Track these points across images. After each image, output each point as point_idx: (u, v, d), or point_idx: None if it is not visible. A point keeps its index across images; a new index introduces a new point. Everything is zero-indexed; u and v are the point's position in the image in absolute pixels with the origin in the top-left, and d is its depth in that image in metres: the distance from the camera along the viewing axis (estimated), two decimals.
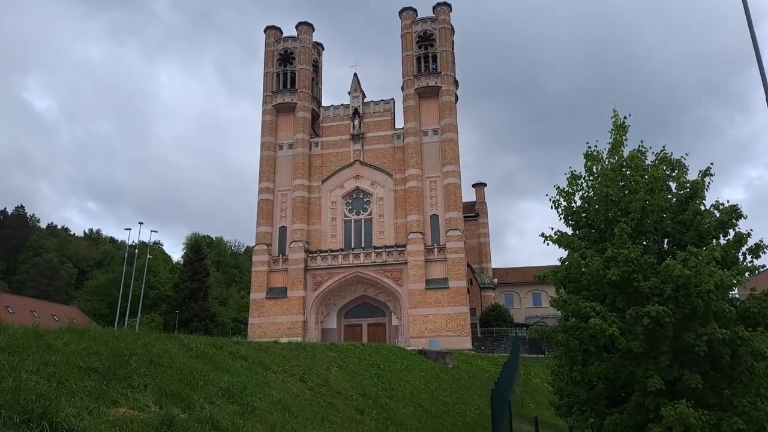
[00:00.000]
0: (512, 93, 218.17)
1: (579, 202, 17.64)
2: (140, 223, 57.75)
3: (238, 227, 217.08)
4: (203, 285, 78.70)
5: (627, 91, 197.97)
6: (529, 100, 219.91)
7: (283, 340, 51.63)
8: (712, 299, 13.49)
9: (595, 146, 17.75)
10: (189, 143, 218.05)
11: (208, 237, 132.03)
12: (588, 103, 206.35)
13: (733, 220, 15.21)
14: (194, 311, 75.09)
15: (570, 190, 17.55)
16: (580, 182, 17.55)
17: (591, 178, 17.60)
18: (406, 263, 52.99)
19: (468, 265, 59.27)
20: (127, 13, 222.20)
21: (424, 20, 60.82)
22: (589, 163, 17.64)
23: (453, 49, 60.20)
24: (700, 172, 16.14)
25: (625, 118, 17.64)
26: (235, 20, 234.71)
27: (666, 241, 16.22)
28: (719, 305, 13.56)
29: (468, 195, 69.64)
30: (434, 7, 60.92)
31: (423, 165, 56.21)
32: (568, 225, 18.01)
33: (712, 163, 15.96)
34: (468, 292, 54.09)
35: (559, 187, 17.74)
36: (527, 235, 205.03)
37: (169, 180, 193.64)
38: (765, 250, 14.90)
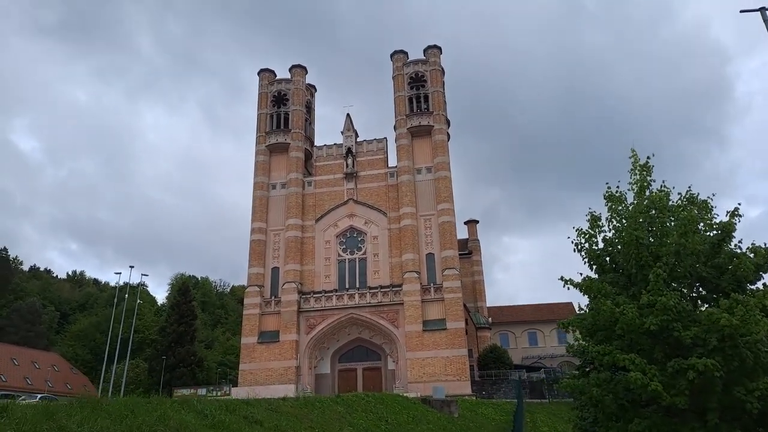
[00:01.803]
0: (491, 129, 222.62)
1: (601, 245, 17.02)
2: (131, 267, 56.14)
3: (224, 266, 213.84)
4: (191, 328, 76.56)
5: (605, 127, 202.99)
6: (507, 136, 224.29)
7: (278, 388, 49.89)
8: (760, 350, 12.72)
9: (617, 187, 17.23)
10: (172, 182, 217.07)
11: (194, 277, 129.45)
12: (567, 138, 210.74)
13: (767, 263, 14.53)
14: (181, 356, 72.65)
15: (592, 232, 16.95)
16: (600, 224, 17.00)
17: (614, 219, 17.05)
18: (402, 304, 51.85)
19: (463, 304, 58.34)
20: (112, 55, 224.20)
21: (415, 62, 61.84)
22: (610, 204, 17.15)
23: (444, 89, 61.01)
24: (728, 212, 15.56)
25: (648, 158, 17.16)
26: (219, 60, 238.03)
27: (700, 286, 15.52)
28: None
29: (460, 232, 69.37)
30: (425, 50, 62.09)
31: (417, 203, 55.91)
32: (591, 269, 17.24)
33: (739, 203, 15.40)
34: (466, 333, 52.94)
35: (579, 228, 17.17)
36: (513, 269, 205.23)
37: (152, 219, 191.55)
38: None
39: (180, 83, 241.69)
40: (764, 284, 14.78)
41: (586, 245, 17.08)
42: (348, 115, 62.01)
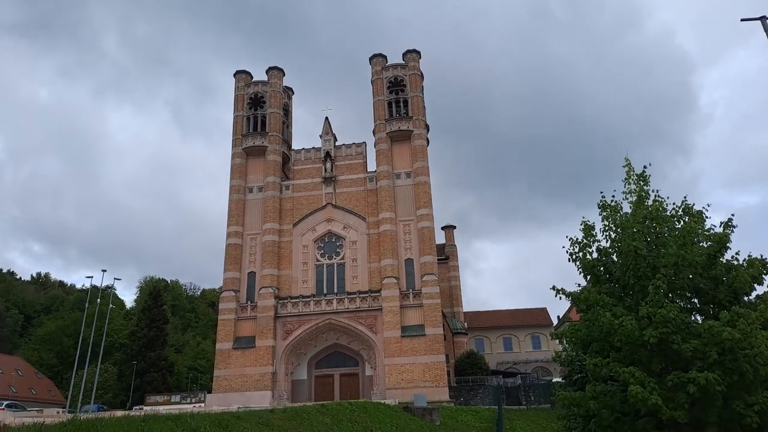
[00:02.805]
0: (463, 134, 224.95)
1: (595, 254, 16.90)
2: (104, 270, 54.28)
3: (194, 269, 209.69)
4: (162, 333, 74.84)
5: (574, 133, 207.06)
6: (480, 142, 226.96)
7: (254, 395, 49.04)
8: (759, 364, 12.75)
9: (613, 197, 17.15)
10: (140, 184, 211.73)
11: (164, 280, 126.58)
12: (537, 144, 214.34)
13: (763, 275, 14.66)
14: (151, 361, 70.95)
15: (586, 241, 16.83)
16: (594, 233, 16.88)
17: (609, 229, 16.90)
18: (381, 309, 51.65)
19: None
20: (77, 54, 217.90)
21: (394, 66, 61.82)
22: (604, 214, 17.04)
23: (423, 94, 61.14)
24: (722, 223, 15.64)
25: (645, 168, 17.07)
26: (189, 61, 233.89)
27: (696, 297, 15.45)
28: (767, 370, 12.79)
29: (437, 237, 69.52)
30: (404, 54, 62.15)
31: (396, 208, 55.82)
32: (585, 279, 17.14)
33: (733, 215, 15.54)
34: (444, 338, 53.09)
35: (573, 238, 17.01)
36: (484, 274, 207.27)
37: (119, 221, 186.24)
38: None
39: (148, 83, 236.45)
40: (757, 295, 14.89)
41: (580, 255, 16.87)
42: (326, 118, 61.55)
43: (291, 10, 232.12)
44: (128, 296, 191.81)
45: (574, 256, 16.86)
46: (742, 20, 17.07)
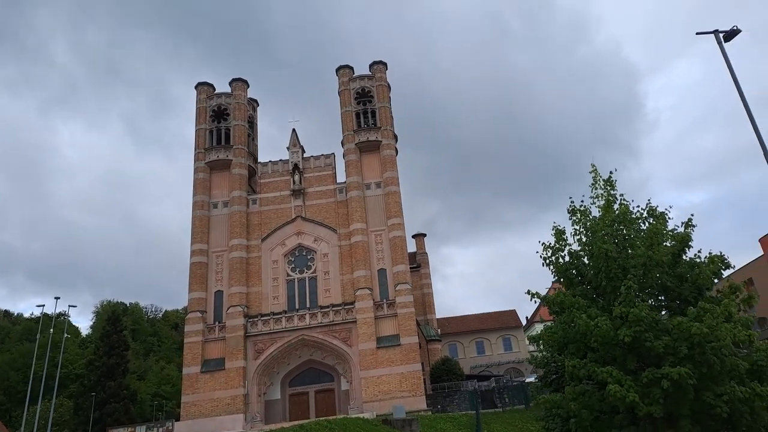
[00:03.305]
0: (428, 144, 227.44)
1: (567, 258, 17.43)
2: (57, 298, 51.00)
3: (154, 290, 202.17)
4: (122, 360, 71.20)
5: (532, 140, 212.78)
6: (445, 150, 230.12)
7: (225, 420, 46.89)
8: (725, 355, 13.31)
9: (582, 202, 17.83)
10: (93, 201, 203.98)
11: (122, 304, 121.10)
12: (499, 151, 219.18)
13: (722, 270, 15.40)
14: (112, 390, 67.20)
15: (558, 246, 17.35)
16: (564, 237, 17.43)
17: (579, 232, 17.48)
18: (355, 322, 50.67)
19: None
20: (22, 64, 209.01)
21: (361, 77, 61.71)
22: (574, 218, 17.65)
23: (390, 104, 61.15)
24: (682, 223, 16.36)
25: (611, 173, 17.79)
26: (144, 72, 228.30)
27: (663, 295, 16.13)
28: (733, 361, 13.37)
29: (408, 246, 69.16)
30: (371, 66, 62.20)
31: (367, 218, 55.22)
32: (560, 282, 17.69)
33: (692, 215, 16.20)
34: (420, 347, 52.42)
35: (545, 243, 17.52)
36: (452, 279, 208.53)
37: (70, 242, 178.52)
38: (757, 299, 14.91)
39: (101, 96, 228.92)
40: (717, 290, 15.52)
41: (553, 259, 17.38)
42: (294, 130, 60.63)
43: (250, 22, 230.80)
44: (83, 323, 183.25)
45: (547, 260, 17.33)
46: (697, 33, 17.83)
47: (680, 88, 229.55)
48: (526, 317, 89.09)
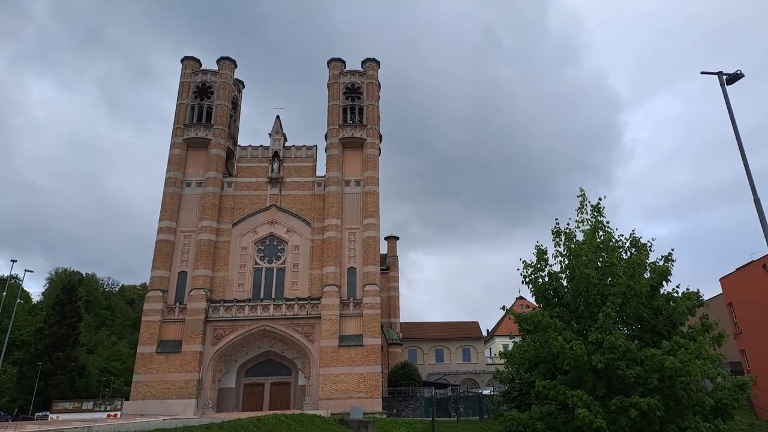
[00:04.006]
0: (406, 148, 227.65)
1: (547, 278, 17.55)
2: (13, 261, 48.53)
3: (113, 263, 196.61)
4: (74, 331, 68.83)
5: (509, 155, 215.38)
6: (422, 156, 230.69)
7: (176, 403, 45.87)
8: (693, 391, 13.64)
9: (567, 225, 17.99)
10: (58, 166, 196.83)
11: (78, 273, 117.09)
12: (476, 163, 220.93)
13: (696, 307, 15.72)
14: (59, 362, 64.92)
15: (539, 266, 17.46)
16: (546, 257, 17.55)
17: (562, 255, 17.60)
18: (320, 317, 50.15)
19: None
20: None
21: (352, 73, 61.07)
22: (557, 240, 17.77)
23: (378, 103, 60.69)
24: (662, 256, 16.59)
25: (600, 199, 18.03)
26: (126, 38, 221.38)
27: (639, 325, 16.30)
28: (700, 397, 13.67)
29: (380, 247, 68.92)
30: (363, 62, 61.61)
31: (343, 215, 54.72)
32: (538, 302, 17.77)
33: (672, 249, 16.43)
34: (382, 349, 52.28)
35: (525, 261, 17.59)
36: (416, 285, 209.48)
37: (29, 204, 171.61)
38: (726, 338, 15.28)
39: (77, 57, 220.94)
40: (689, 326, 15.83)
41: (533, 278, 17.50)
42: (278, 117, 59.57)
43: (243, 3, 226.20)
44: (34, 288, 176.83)
45: (527, 279, 17.45)
46: (701, 73, 18.17)
47: (657, 122, 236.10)
48: (487, 330, 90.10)
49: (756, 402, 43.96)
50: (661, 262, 16.39)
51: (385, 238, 74.16)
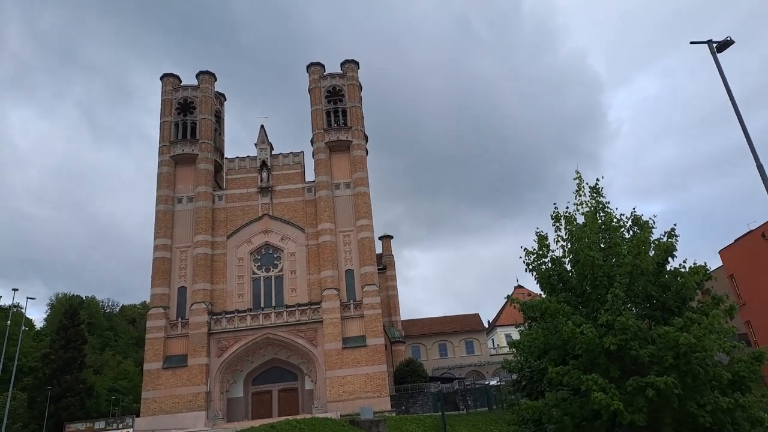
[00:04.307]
0: (393, 146, 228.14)
1: (549, 264, 17.39)
2: (15, 290, 48.78)
3: (110, 284, 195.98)
4: (79, 354, 69.26)
5: (494, 145, 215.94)
6: (409, 154, 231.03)
7: (187, 416, 46.45)
8: (709, 366, 13.52)
9: (566, 208, 17.77)
10: (46, 193, 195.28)
11: (78, 297, 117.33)
12: (462, 156, 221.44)
13: (704, 281, 15.60)
14: (68, 385, 65.41)
15: (540, 252, 17.31)
16: (547, 243, 17.37)
17: (563, 239, 17.43)
18: (322, 321, 50.75)
19: None
20: None
21: (332, 76, 61.38)
22: (557, 225, 17.61)
23: (361, 104, 61.09)
24: (665, 233, 16.43)
25: (597, 180, 17.77)
26: (103, 59, 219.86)
27: (647, 304, 16.11)
28: (717, 372, 13.48)
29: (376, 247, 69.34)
30: (342, 64, 61.91)
31: (336, 219, 55.23)
32: (543, 289, 17.58)
33: (675, 224, 16.35)
34: (386, 348, 53.00)
35: (527, 249, 17.41)
36: (413, 282, 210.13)
37: (22, 234, 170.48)
38: (737, 310, 15.25)
39: (55, 81, 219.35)
40: (699, 300, 15.79)
41: (536, 264, 17.30)
42: (262, 126, 59.87)
43: (216, 14, 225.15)
44: (36, 315, 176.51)
45: (531, 266, 17.30)
46: (691, 42, 18.12)
47: (639, 101, 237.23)
48: (488, 321, 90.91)
49: (765, 372, 44.44)
50: (665, 239, 16.19)
51: (380, 238, 74.71)
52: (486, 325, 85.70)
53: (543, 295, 17.32)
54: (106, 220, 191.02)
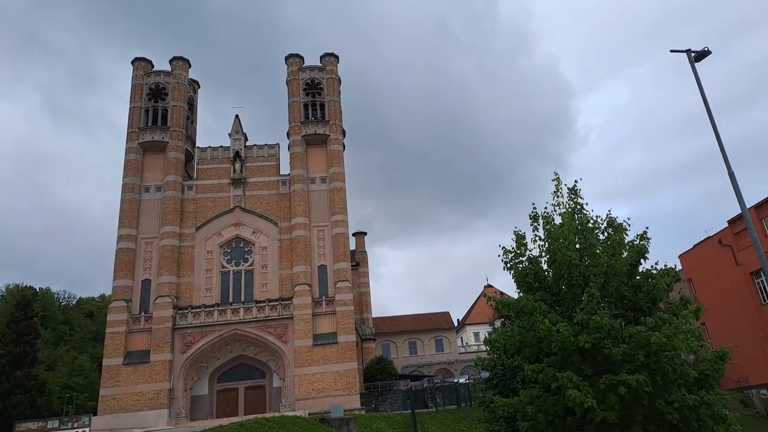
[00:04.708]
0: (367, 143, 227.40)
1: (526, 263, 17.61)
2: None
3: (67, 275, 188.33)
4: (32, 349, 65.55)
5: (468, 146, 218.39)
6: (383, 151, 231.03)
7: (148, 414, 44.53)
8: (677, 364, 13.93)
9: (545, 208, 18.07)
10: (1, 177, 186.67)
11: (31, 288, 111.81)
12: (436, 155, 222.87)
13: (673, 283, 16.00)
14: (18, 381, 61.79)
15: (519, 251, 17.55)
16: (525, 242, 17.64)
17: (540, 238, 17.72)
18: (292, 318, 49.62)
19: None
20: None
21: (311, 68, 60.32)
22: (535, 224, 17.88)
23: (340, 99, 60.22)
24: (637, 235, 16.87)
25: (576, 182, 18.21)
26: (67, 41, 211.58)
27: (620, 303, 16.47)
28: (684, 370, 13.98)
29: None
30: (321, 57, 60.93)
31: (310, 213, 54.18)
32: (519, 288, 17.76)
33: (647, 227, 16.78)
34: (357, 345, 52.19)
35: (505, 248, 17.65)
36: (383, 279, 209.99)
37: None
38: (703, 311, 15.79)
39: (15, 62, 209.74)
40: (667, 302, 16.25)
41: (513, 263, 17.51)
42: (237, 116, 58.29)
43: (187, 2, 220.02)
44: None
45: (508, 264, 17.53)
46: (671, 51, 18.50)
47: (608, 108, 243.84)
48: (458, 320, 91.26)
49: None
50: (637, 241, 16.63)
51: (353, 234, 73.99)
52: (456, 324, 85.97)
53: (519, 294, 17.44)
54: (65, 208, 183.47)
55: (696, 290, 52.35)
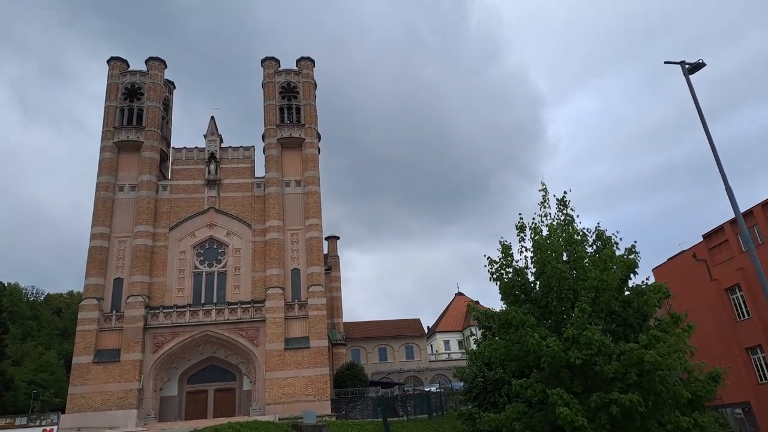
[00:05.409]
0: (336, 147, 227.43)
1: (512, 274, 17.22)
2: None
3: (34, 271, 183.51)
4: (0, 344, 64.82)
5: (437, 153, 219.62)
6: (352, 156, 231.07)
7: (116, 414, 44.54)
8: (670, 384, 13.60)
9: (533, 219, 17.71)
10: None
11: (0, 283, 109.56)
12: (405, 161, 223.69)
13: (663, 298, 15.83)
14: None
15: (505, 262, 17.16)
16: (511, 253, 17.26)
17: (527, 249, 17.32)
18: (264, 321, 49.97)
19: None
20: None
21: (287, 72, 60.57)
22: (522, 235, 17.49)
23: (315, 103, 60.64)
24: (626, 249, 16.53)
25: (565, 193, 17.73)
26: (37, 37, 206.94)
27: (610, 319, 16.08)
28: (677, 390, 13.60)
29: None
30: (298, 61, 61.24)
31: (284, 216, 54.54)
32: (505, 299, 17.34)
33: (635, 242, 16.52)
34: (328, 350, 52.81)
35: (491, 258, 17.19)
36: (351, 284, 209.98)
37: None
38: (694, 328, 15.29)
39: None
40: (656, 318, 15.94)
41: (499, 274, 17.14)
42: (212, 117, 58.31)
43: (161, 3, 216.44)
44: None
45: (495, 275, 17.08)
46: (665, 62, 18.21)
47: (578, 118, 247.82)
48: (428, 327, 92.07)
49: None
50: (626, 255, 16.27)
51: (326, 239, 74.38)
52: (426, 331, 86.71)
53: (503, 306, 17.16)
54: (33, 204, 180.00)
55: (671, 305, 52.13)
